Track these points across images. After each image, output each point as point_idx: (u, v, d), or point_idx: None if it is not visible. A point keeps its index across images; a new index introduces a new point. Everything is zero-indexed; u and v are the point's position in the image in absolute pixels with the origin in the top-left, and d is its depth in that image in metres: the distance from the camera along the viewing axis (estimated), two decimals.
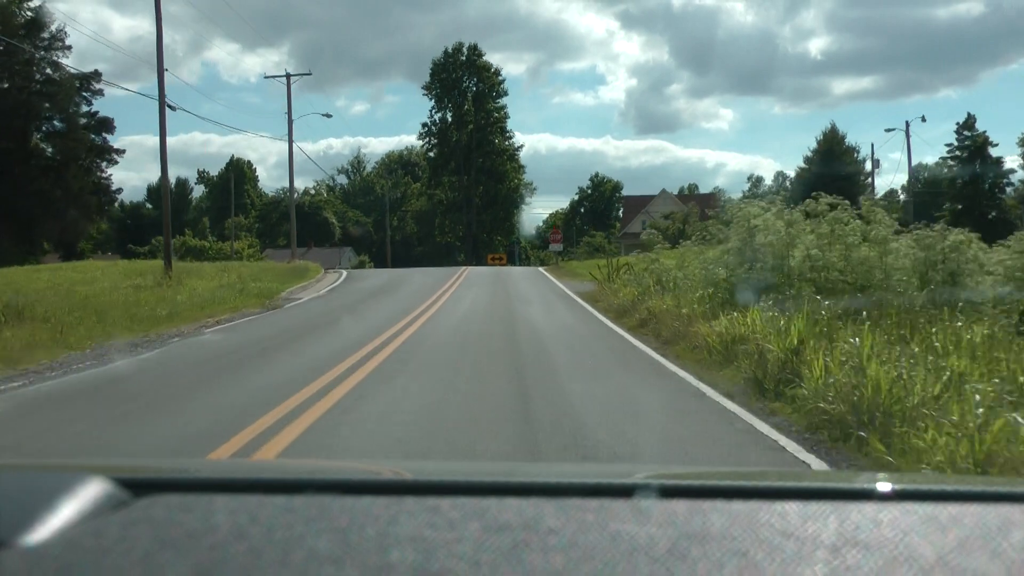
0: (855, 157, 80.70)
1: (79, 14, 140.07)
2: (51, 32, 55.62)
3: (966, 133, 56.52)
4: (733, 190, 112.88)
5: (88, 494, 1.07)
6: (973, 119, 56.48)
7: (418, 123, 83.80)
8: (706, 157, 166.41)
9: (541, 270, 41.53)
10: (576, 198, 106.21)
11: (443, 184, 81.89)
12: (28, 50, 52.45)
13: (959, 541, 0.95)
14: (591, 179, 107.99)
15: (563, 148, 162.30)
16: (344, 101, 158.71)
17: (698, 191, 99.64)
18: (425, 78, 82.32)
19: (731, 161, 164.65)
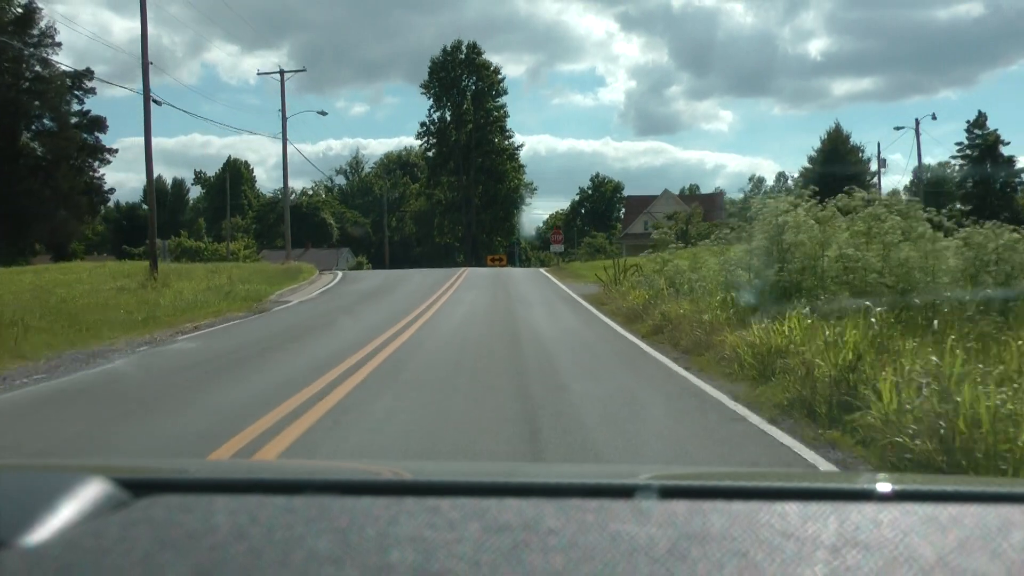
0: (860, 157, 79.73)
1: (78, 16, 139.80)
2: (40, 29, 54.44)
3: (976, 132, 55.22)
4: (733, 191, 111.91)
5: (88, 494, 1.06)
6: (984, 117, 55.23)
7: (418, 125, 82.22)
8: (706, 158, 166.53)
9: (542, 271, 40.22)
10: (577, 199, 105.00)
11: (442, 184, 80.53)
12: (17, 46, 51.17)
13: (959, 541, 0.94)
14: (592, 179, 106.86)
15: (563, 149, 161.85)
16: (343, 102, 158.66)
17: (699, 192, 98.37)
18: (424, 79, 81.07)
19: (731, 162, 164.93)
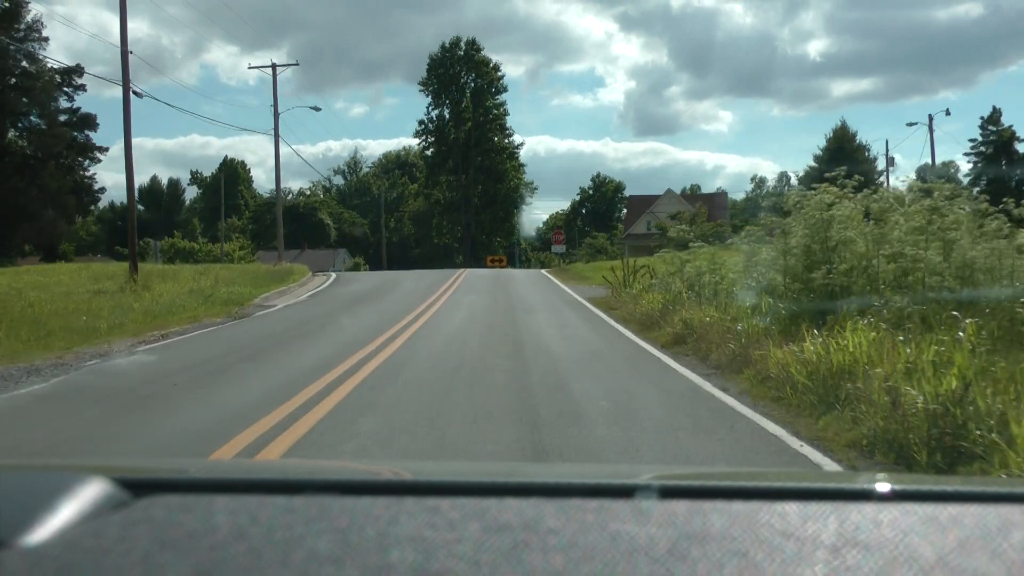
0: (866, 155, 78.25)
1: (77, 17, 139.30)
2: (27, 23, 52.85)
3: (991, 128, 53.58)
4: (733, 192, 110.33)
5: (88, 494, 1.06)
6: (998, 113, 53.60)
7: (417, 125, 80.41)
8: (705, 159, 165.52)
9: (544, 272, 38.58)
10: (577, 199, 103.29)
11: (440, 184, 78.85)
12: (3, 40, 49.57)
13: (959, 541, 0.94)
14: (592, 179, 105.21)
15: (562, 150, 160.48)
16: (343, 103, 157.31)
17: (700, 192, 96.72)
18: (423, 78, 79.37)
19: (730, 163, 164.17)
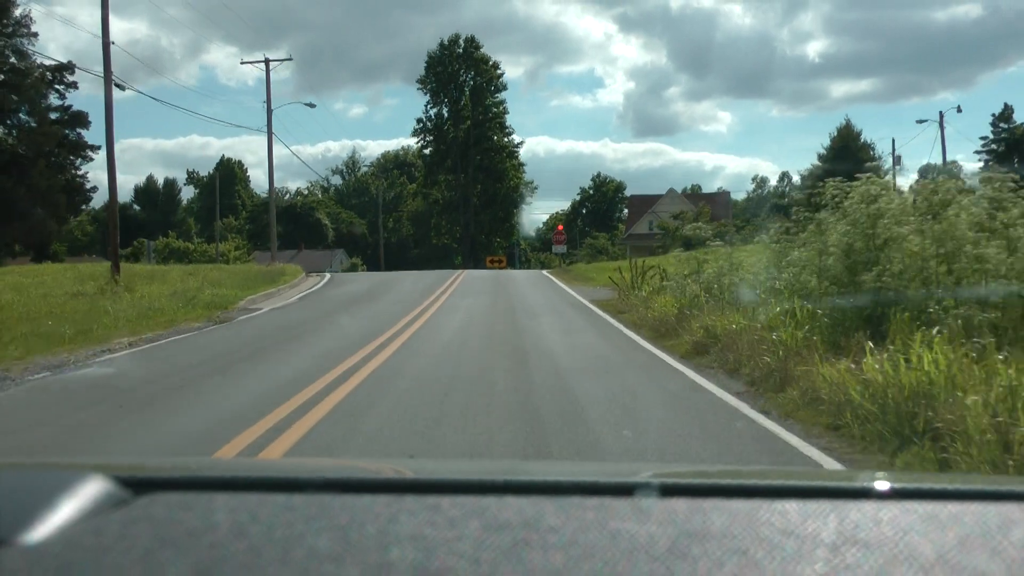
0: (871, 155, 77.15)
1: (76, 17, 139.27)
2: (15, 18, 51.54)
3: (1003, 125, 52.24)
4: (733, 192, 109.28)
5: (88, 492, 1.05)
6: (1010, 110, 52.28)
7: (416, 124, 78.96)
8: (704, 160, 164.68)
9: (545, 273, 37.25)
10: (577, 199, 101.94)
11: (439, 183, 77.48)
12: None
13: (959, 539, 0.93)
14: (593, 179, 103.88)
15: (561, 151, 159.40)
16: (342, 103, 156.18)
17: (700, 192, 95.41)
18: (421, 76, 77.97)
19: (729, 164, 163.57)
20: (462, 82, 77.10)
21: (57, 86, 55.13)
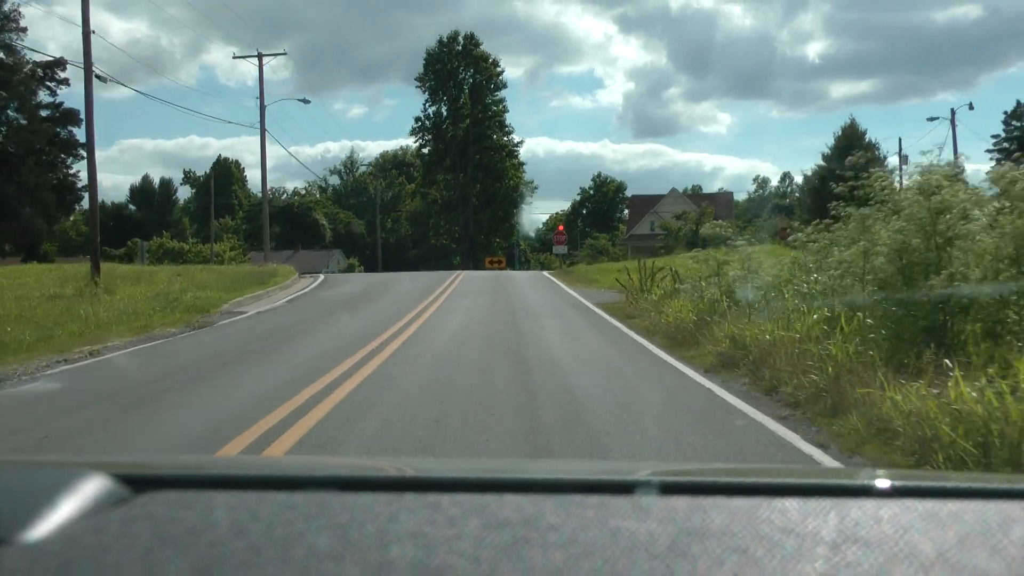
0: (876, 154, 76.02)
1: (76, 17, 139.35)
2: (3, 13, 50.30)
3: (1015, 123, 50.98)
4: (735, 193, 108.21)
5: (88, 490, 1.04)
6: (1022, 108, 50.93)
7: (414, 123, 77.59)
8: (704, 161, 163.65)
9: (546, 275, 35.97)
10: (578, 199, 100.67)
11: (438, 183, 76.15)
12: None
13: (959, 537, 0.93)
14: (593, 179, 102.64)
15: (561, 152, 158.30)
16: (342, 104, 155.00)
17: (701, 192, 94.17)
18: (420, 74, 76.61)
19: (729, 165, 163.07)
20: (461, 80, 75.80)
21: (48, 83, 53.96)
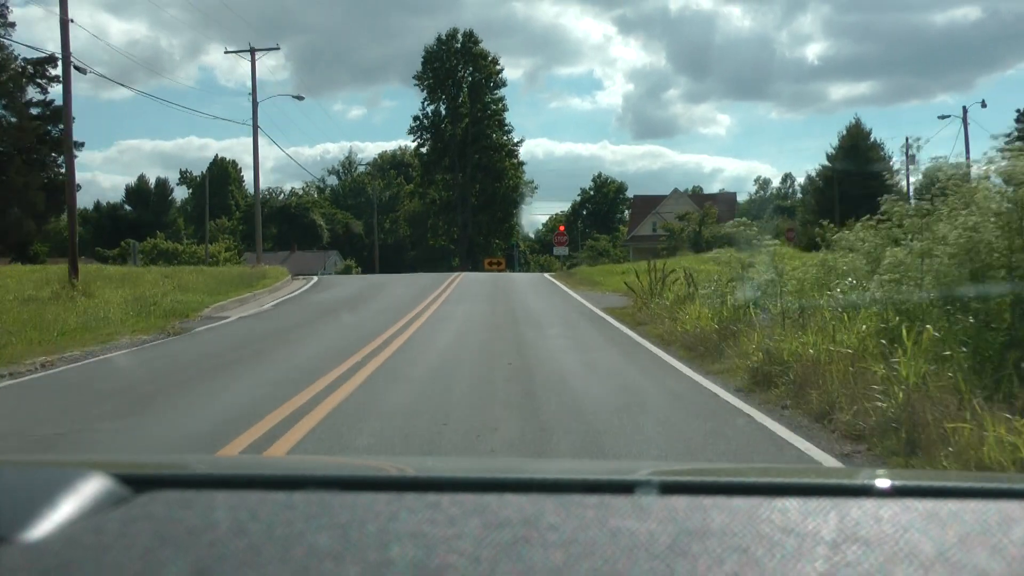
0: (880, 154, 74.91)
1: (76, 18, 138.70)
2: None
3: None
4: (735, 194, 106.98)
5: (88, 490, 1.04)
6: None
7: (412, 122, 76.18)
8: (703, 162, 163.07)
9: (548, 277, 34.68)
10: (578, 200, 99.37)
11: (436, 183, 74.78)
12: None
13: (959, 537, 0.92)
14: (593, 180, 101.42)
15: (560, 153, 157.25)
16: (341, 105, 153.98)
17: (702, 193, 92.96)
18: (419, 73, 75.21)
19: (728, 166, 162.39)
20: (460, 78, 74.45)
21: (39, 80, 52.68)
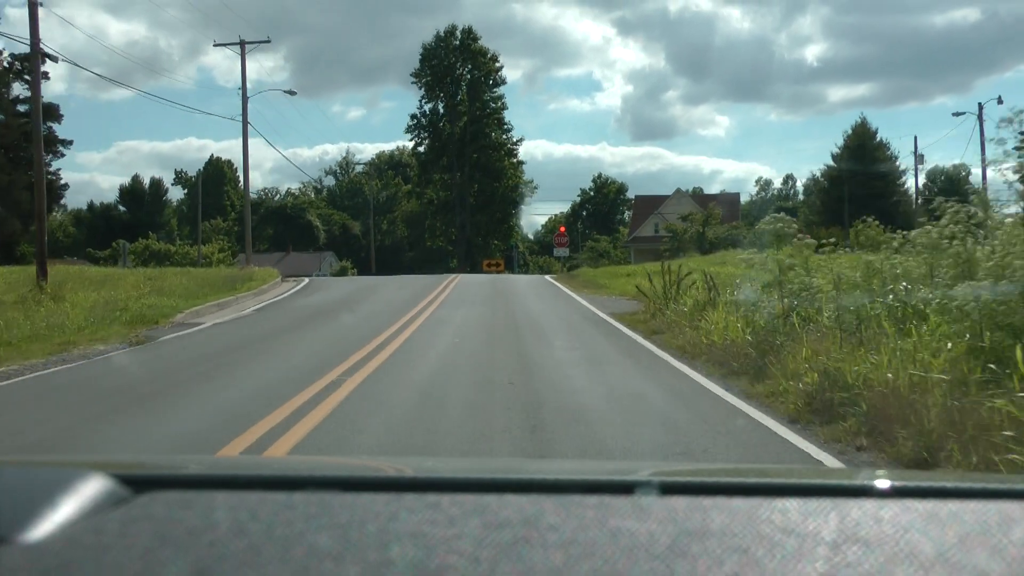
0: (887, 154, 73.54)
1: (75, 18, 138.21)
2: None
3: None
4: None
5: (88, 491, 1.04)
6: None
7: (410, 120, 74.65)
8: (702, 164, 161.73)
9: (549, 279, 33.17)
10: (578, 200, 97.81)
11: (434, 182, 73.22)
12: None
13: (959, 537, 0.92)
14: (594, 180, 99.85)
15: (559, 155, 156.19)
16: (340, 106, 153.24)
17: (702, 194, 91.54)
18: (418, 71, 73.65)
19: (728, 168, 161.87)
20: (459, 76, 72.91)
21: (26, 76, 51.18)
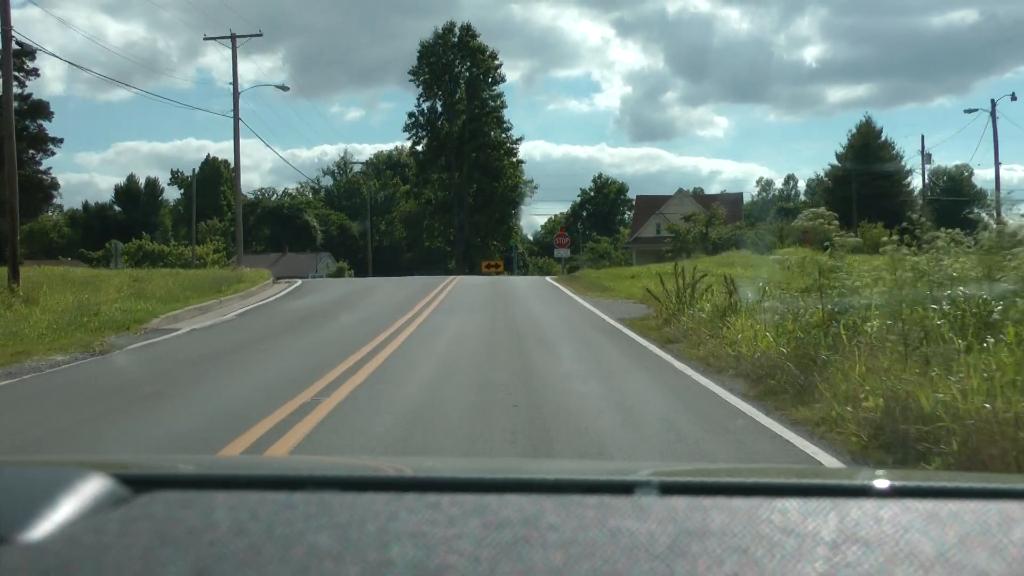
0: (891, 153, 72.46)
1: (74, 19, 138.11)
2: None
3: None
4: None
5: (88, 490, 1.04)
6: None
7: (407, 119, 73.41)
8: (701, 165, 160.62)
9: (550, 280, 31.92)
10: (578, 201, 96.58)
11: (432, 182, 72.00)
12: None
13: (959, 537, 0.92)
14: (594, 180, 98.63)
15: (558, 155, 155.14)
16: (338, 107, 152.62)
17: (703, 195, 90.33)
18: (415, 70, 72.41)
19: (727, 169, 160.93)
20: (457, 73, 71.67)
21: (16, 73, 49.88)
